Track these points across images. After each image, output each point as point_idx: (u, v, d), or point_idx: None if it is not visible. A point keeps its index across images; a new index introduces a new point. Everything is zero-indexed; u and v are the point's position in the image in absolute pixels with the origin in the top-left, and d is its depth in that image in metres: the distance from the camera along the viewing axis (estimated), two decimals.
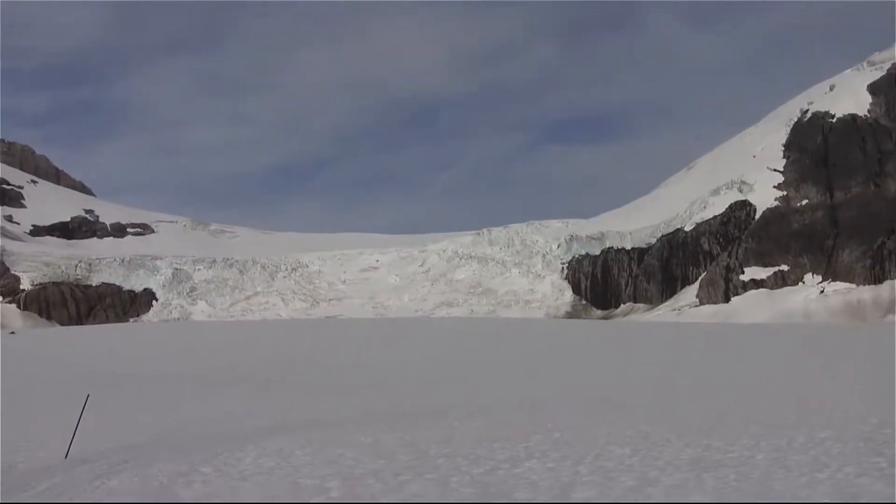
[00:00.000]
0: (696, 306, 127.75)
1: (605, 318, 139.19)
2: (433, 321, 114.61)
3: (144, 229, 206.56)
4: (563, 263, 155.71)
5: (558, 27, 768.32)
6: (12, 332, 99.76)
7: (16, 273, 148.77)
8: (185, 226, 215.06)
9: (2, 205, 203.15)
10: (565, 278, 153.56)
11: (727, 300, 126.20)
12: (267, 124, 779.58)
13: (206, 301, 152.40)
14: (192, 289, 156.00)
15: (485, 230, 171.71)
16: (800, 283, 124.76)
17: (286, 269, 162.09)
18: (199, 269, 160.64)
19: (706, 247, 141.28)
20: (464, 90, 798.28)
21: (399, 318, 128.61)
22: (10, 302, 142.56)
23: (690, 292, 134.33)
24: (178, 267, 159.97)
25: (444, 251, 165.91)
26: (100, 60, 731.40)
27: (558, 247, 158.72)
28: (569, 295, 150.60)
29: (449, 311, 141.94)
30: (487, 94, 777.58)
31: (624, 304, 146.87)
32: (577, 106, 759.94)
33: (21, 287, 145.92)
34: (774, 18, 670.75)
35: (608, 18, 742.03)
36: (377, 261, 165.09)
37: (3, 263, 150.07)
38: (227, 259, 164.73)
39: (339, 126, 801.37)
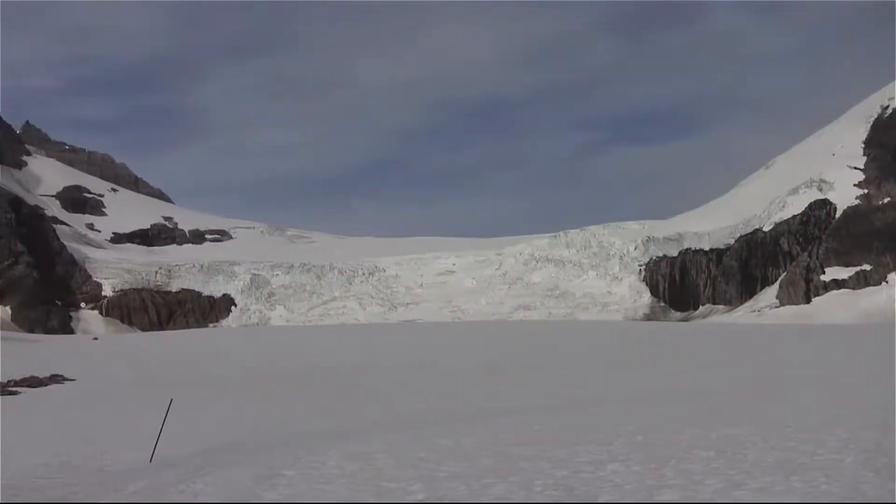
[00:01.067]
0: (776, 307, 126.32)
1: (684, 319, 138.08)
2: (510, 324, 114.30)
3: (222, 235, 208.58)
4: (641, 265, 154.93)
5: (622, 21, 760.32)
6: (95, 338, 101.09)
7: (97, 280, 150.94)
8: (262, 231, 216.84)
9: (83, 213, 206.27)
10: (643, 280, 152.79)
11: (808, 301, 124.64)
12: (335, 125, 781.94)
13: (284, 306, 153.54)
14: (271, 294, 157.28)
15: (561, 232, 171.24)
16: (883, 283, 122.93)
17: (363, 274, 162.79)
18: (276, 275, 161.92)
19: (786, 247, 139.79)
20: (532, 87, 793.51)
21: (476, 321, 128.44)
22: (92, 308, 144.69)
23: (770, 293, 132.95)
24: (257, 272, 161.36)
25: (520, 254, 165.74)
26: (171, 66, 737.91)
27: (635, 248, 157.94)
28: (647, 297, 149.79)
29: (526, 314, 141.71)
30: (556, 91, 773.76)
31: (702, 305, 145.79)
32: (648, 102, 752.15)
33: (103, 294, 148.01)
34: (849, 6, 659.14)
35: (673, 9, 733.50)
36: (453, 264, 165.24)
37: (85, 270, 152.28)
38: (305, 264, 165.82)
39: (407, 126, 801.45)
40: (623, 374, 39.98)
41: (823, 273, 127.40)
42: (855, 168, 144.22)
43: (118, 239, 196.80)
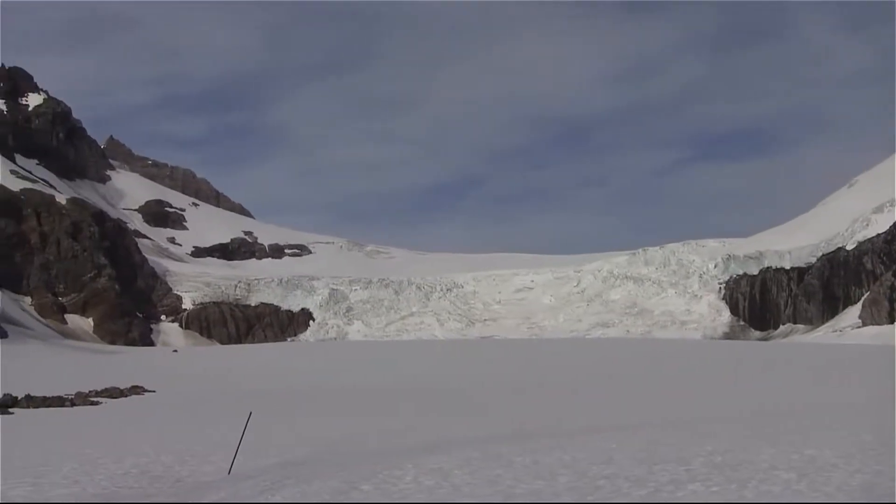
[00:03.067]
0: (859, 327, 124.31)
1: (764, 339, 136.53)
2: (588, 341, 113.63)
3: (302, 250, 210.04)
4: (721, 283, 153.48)
5: (706, 39, 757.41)
6: (175, 350, 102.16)
7: (178, 293, 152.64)
8: (341, 247, 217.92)
9: (165, 227, 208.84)
10: (722, 299, 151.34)
11: (892, 321, 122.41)
12: (416, 143, 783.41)
13: (362, 321, 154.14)
14: (349, 309, 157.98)
15: (640, 250, 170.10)
16: None
17: (441, 290, 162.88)
18: (355, 290, 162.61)
19: (869, 266, 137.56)
20: (612, 105, 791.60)
21: (554, 338, 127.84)
22: (172, 321, 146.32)
23: (853, 313, 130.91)
24: (335, 287, 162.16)
25: (599, 271, 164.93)
26: (254, 84, 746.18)
27: (715, 266, 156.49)
28: (726, 315, 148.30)
29: (604, 332, 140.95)
30: (636, 109, 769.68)
31: (783, 324, 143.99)
32: (730, 120, 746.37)
33: (183, 307, 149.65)
34: None
35: (757, 26, 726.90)
36: (532, 281, 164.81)
37: (165, 284, 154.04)
38: (383, 279, 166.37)
39: (487, 143, 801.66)
40: (702, 393, 39.54)
41: None
42: None
43: (199, 253, 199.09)
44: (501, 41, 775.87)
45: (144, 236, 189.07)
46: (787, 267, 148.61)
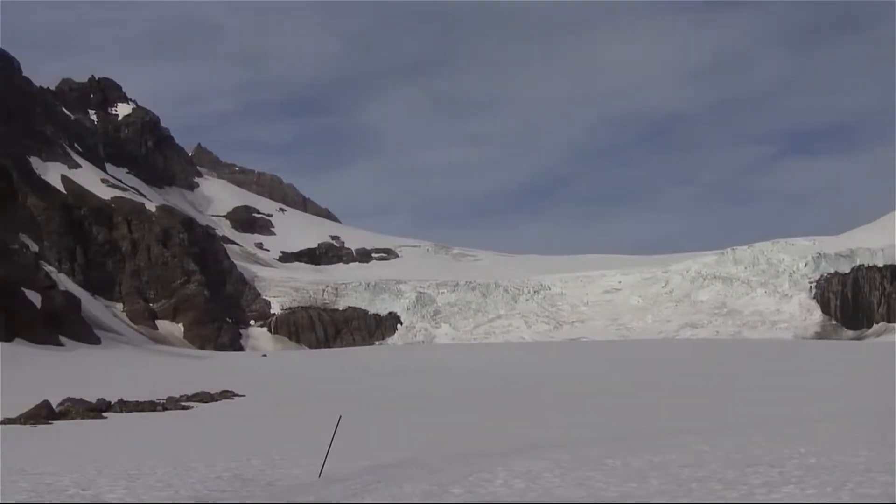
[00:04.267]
0: None
1: (857, 338, 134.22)
2: (677, 343, 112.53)
3: (389, 254, 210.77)
4: (811, 282, 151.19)
5: (792, 32, 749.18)
6: (264, 355, 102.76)
7: (266, 298, 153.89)
8: (428, 250, 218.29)
9: (253, 232, 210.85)
10: (813, 298, 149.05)
11: None
12: (502, 144, 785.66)
13: (450, 324, 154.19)
14: (436, 312, 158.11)
15: (729, 249, 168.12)
16: None
17: (528, 292, 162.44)
18: (442, 293, 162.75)
19: None
20: (698, 102, 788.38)
21: (642, 339, 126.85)
22: (261, 326, 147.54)
23: None
24: (422, 290, 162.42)
25: (687, 271, 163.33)
26: (339, 89, 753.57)
27: (805, 265, 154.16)
28: (818, 315, 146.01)
29: (693, 333, 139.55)
30: (722, 105, 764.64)
31: (877, 323, 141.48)
32: (818, 115, 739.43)
33: (271, 311, 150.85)
34: None
35: (845, 17, 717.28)
36: (619, 282, 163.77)
37: (254, 289, 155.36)
38: (470, 282, 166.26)
39: (573, 143, 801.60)
40: (794, 393, 38.84)
41: None
42: None
43: (286, 258, 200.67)
44: (585, 40, 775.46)
45: (233, 242, 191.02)
46: (880, 265, 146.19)
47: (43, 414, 33.62)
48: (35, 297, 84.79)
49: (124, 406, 37.36)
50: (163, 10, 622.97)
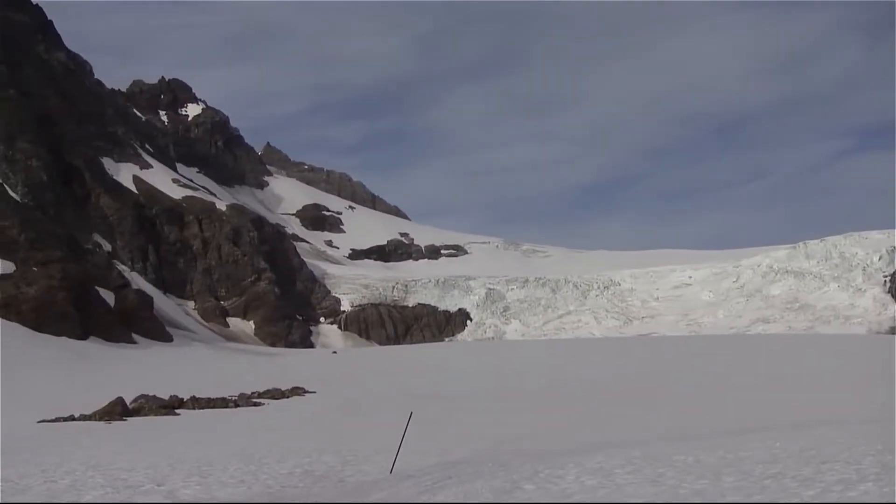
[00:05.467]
0: None
1: None
2: (748, 338, 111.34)
3: (458, 251, 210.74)
4: (886, 276, 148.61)
5: (864, 24, 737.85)
6: (334, 352, 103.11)
7: (336, 295, 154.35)
8: (497, 246, 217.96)
9: (322, 230, 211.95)
10: (888, 292, 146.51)
11: None
12: (572, 141, 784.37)
13: (520, 320, 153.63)
14: (506, 308, 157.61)
15: (801, 243, 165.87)
16: None
17: (598, 288, 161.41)
18: (512, 289, 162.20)
19: None
20: (768, 97, 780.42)
21: (713, 335, 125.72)
22: (331, 323, 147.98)
23: None
24: (492, 287, 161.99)
25: (758, 266, 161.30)
26: (408, 88, 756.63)
27: (880, 259, 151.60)
28: (892, 309, 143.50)
29: (765, 328, 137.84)
30: (793, 100, 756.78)
31: None
32: (891, 108, 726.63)
33: (342, 308, 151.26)
34: None
35: None
36: (690, 277, 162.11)
37: (324, 286, 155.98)
38: (540, 278, 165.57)
39: (644, 140, 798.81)
40: (869, 389, 38.02)
41: None
42: None
43: (356, 255, 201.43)
44: (656, 37, 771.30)
45: (302, 240, 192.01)
46: None
47: (117, 411, 33.97)
48: (109, 296, 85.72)
49: (196, 403, 37.62)
50: (235, 13, 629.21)
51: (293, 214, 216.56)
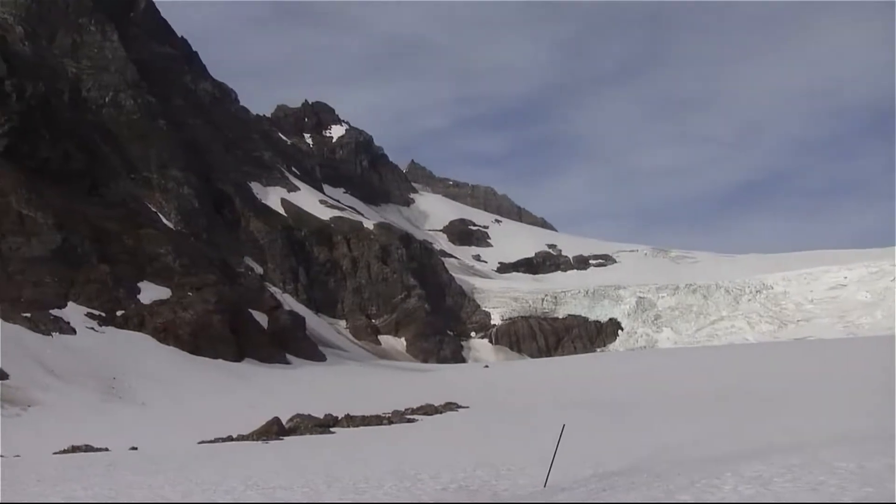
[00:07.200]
0: None
1: None
2: None
3: (606, 260, 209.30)
4: None
5: None
6: (486, 366, 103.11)
7: (486, 309, 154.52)
8: (645, 254, 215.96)
9: (469, 245, 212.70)
10: None
11: None
12: (718, 141, 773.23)
13: (671, 328, 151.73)
14: (657, 316, 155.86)
15: None
16: None
17: (750, 292, 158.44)
18: (662, 297, 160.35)
19: None
20: None
21: (871, 336, 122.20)
22: (482, 337, 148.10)
23: None
24: (642, 295, 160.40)
25: None
26: (550, 97, 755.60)
27: None
28: None
29: None
30: None
31: None
32: None
33: (492, 322, 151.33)
34: None
35: None
36: (845, 277, 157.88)
37: (473, 301, 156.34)
38: (690, 285, 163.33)
39: (794, 136, 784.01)
40: None
41: None
42: None
43: (504, 268, 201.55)
44: (800, 31, 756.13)
45: (450, 255, 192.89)
46: None
47: (274, 430, 34.41)
48: (262, 318, 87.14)
49: (351, 420, 37.90)
50: (379, 32, 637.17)
51: (440, 230, 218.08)
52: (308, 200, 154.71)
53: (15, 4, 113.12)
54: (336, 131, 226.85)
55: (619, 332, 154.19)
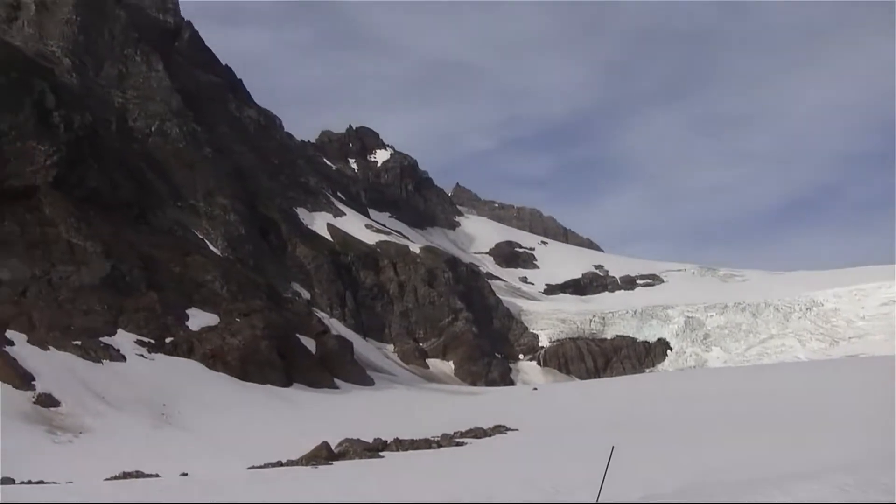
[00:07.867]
0: None
1: None
2: None
3: (654, 280, 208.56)
4: None
5: None
6: (535, 388, 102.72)
7: (534, 331, 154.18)
8: (693, 273, 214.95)
9: (516, 267, 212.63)
10: None
11: None
12: (766, 157, 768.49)
13: (721, 347, 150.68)
14: (706, 336, 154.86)
15: None
16: None
17: (800, 309, 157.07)
18: (711, 316, 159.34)
19: None
20: None
21: None
22: (530, 359, 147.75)
23: None
24: (690, 315, 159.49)
25: None
26: (595, 118, 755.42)
27: None
28: None
29: None
30: None
31: None
32: None
33: (539, 344, 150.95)
34: None
35: None
36: None
37: (521, 323, 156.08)
38: (739, 303, 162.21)
39: (841, 150, 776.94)
40: None
41: None
42: None
43: (551, 290, 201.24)
44: (842, 44, 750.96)
45: (497, 278, 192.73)
46: None
47: (323, 455, 34.41)
48: (310, 343, 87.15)
49: (400, 445, 37.84)
50: (421, 56, 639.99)
51: (486, 253, 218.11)
52: (354, 225, 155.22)
53: (62, 37, 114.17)
54: (381, 156, 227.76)
55: (668, 352, 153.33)
